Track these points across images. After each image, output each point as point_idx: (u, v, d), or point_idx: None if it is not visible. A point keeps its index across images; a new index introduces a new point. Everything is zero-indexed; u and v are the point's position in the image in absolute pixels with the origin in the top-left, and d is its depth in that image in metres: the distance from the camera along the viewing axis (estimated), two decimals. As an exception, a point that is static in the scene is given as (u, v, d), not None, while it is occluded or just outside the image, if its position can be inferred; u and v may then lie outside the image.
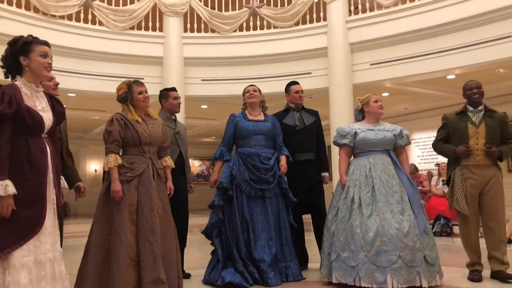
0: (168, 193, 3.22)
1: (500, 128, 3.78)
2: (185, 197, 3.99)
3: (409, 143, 3.82)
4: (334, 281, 3.45)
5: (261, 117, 3.99)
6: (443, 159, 10.18)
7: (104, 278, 2.85)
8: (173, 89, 4.13)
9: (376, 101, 3.78)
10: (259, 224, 3.70)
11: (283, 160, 3.90)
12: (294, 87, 4.41)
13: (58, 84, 3.30)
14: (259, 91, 4.03)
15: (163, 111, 4.06)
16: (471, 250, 3.80)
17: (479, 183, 3.73)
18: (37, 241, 2.19)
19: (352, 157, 3.81)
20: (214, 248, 3.76)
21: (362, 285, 3.26)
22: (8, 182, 2.12)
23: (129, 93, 3.16)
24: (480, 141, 3.73)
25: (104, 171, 3.17)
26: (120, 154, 3.12)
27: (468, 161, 3.75)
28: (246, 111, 4.01)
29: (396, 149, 3.74)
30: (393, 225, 3.27)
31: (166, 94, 4.05)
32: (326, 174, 4.37)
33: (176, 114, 4.13)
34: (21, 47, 2.31)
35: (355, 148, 3.74)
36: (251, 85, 4.07)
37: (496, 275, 3.64)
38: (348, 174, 3.66)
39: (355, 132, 3.72)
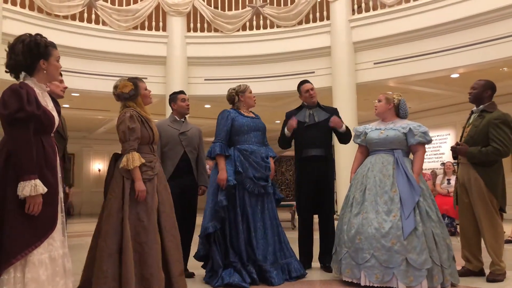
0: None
1: (487, 129, 3.66)
2: (192, 197, 3.98)
3: (426, 140, 3.60)
4: (333, 273, 3.70)
5: (253, 115, 3.99)
6: (448, 158, 10.17)
7: (138, 278, 2.81)
8: (181, 92, 4.16)
9: (377, 101, 3.82)
10: (260, 222, 3.69)
11: (272, 162, 3.91)
12: (303, 87, 4.38)
13: (66, 87, 3.33)
14: None
15: (172, 114, 4.11)
16: (462, 244, 3.87)
17: (462, 181, 3.81)
18: (50, 239, 2.24)
19: None
20: (198, 252, 3.73)
21: (343, 279, 3.46)
22: (37, 182, 2.15)
23: (137, 90, 3.12)
24: (465, 139, 3.79)
25: (109, 169, 3.11)
26: None
27: (459, 159, 3.91)
28: (240, 109, 3.99)
29: (410, 147, 3.66)
30: (372, 225, 3.30)
31: (175, 97, 4.10)
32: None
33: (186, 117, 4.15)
34: (43, 52, 2.31)
35: (368, 148, 3.80)
36: (249, 87, 4.01)
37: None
38: (355, 173, 3.75)
39: (365, 131, 3.77)
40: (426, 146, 3.72)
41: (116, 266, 2.79)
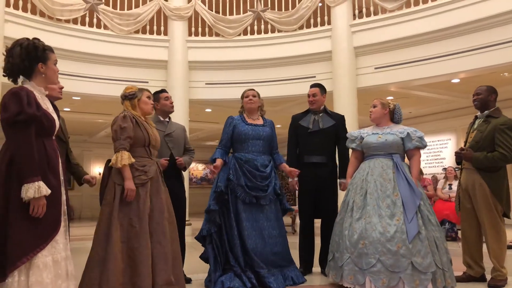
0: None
1: (493, 134, 3.66)
2: (181, 201, 3.94)
3: (422, 145, 3.68)
4: (330, 279, 3.64)
5: (260, 122, 3.95)
6: (449, 163, 10.17)
7: (130, 286, 2.79)
8: (163, 91, 4.13)
9: (371, 106, 3.84)
10: (257, 230, 3.67)
11: (287, 166, 3.90)
12: (308, 91, 4.39)
13: (62, 87, 3.34)
14: (258, 95, 3.99)
15: (155, 114, 4.06)
16: (463, 250, 3.87)
17: (465, 186, 3.80)
18: (53, 241, 2.24)
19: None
20: (204, 253, 3.74)
21: (345, 285, 3.40)
22: (41, 184, 2.16)
23: (139, 93, 3.19)
24: (470, 144, 3.78)
25: (104, 176, 3.11)
26: None
27: (462, 164, 3.90)
28: (244, 115, 3.98)
29: (407, 152, 3.70)
30: (377, 229, 3.28)
31: (157, 96, 4.03)
32: (343, 180, 4.25)
33: (175, 116, 4.11)
34: (41, 55, 2.33)
35: (364, 152, 3.78)
36: (250, 89, 4.02)
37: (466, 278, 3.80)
38: (352, 177, 3.73)
39: (361, 136, 3.77)
40: (427, 150, 3.74)
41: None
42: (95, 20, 8.71)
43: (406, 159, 3.79)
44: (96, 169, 15.64)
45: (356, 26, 8.55)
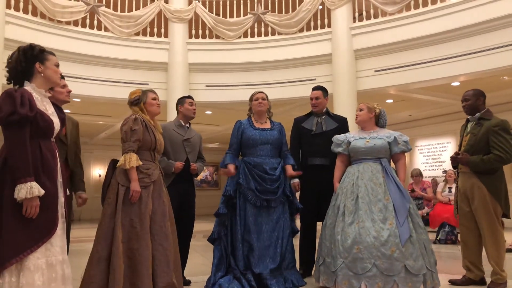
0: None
1: (487, 137, 3.67)
2: (192, 204, 4.01)
3: (407, 149, 3.75)
4: (320, 284, 3.60)
5: (268, 125, 3.93)
6: (449, 166, 10.16)
7: (129, 287, 2.80)
8: (190, 97, 4.21)
9: (358, 110, 3.87)
10: (264, 233, 3.68)
11: (289, 170, 3.88)
12: (311, 94, 4.39)
13: (70, 91, 3.35)
14: (267, 98, 3.98)
15: (177, 118, 4.13)
16: (462, 253, 3.86)
17: (463, 190, 3.81)
18: (48, 244, 2.23)
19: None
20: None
21: None
22: (33, 184, 2.15)
23: (143, 96, 3.22)
24: (465, 148, 3.79)
25: (106, 176, 3.12)
26: None
27: (459, 168, 3.89)
28: (252, 118, 3.97)
29: (393, 156, 3.75)
30: (371, 234, 3.29)
31: (183, 100, 4.14)
32: None
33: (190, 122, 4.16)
34: (38, 55, 2.35)
35: (351, 156, 3.80)
36: (259, 92, 3.99)
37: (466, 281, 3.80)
38: (340, 182, 3.74)
39: (348, 140, 3.79)
40: (427, 153, 3.77)
41: (104, 273, 2.78)
42: (95, 22, 8.73)
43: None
44: (96, 171, 15.64)
45: (356, 29, 8.56)
